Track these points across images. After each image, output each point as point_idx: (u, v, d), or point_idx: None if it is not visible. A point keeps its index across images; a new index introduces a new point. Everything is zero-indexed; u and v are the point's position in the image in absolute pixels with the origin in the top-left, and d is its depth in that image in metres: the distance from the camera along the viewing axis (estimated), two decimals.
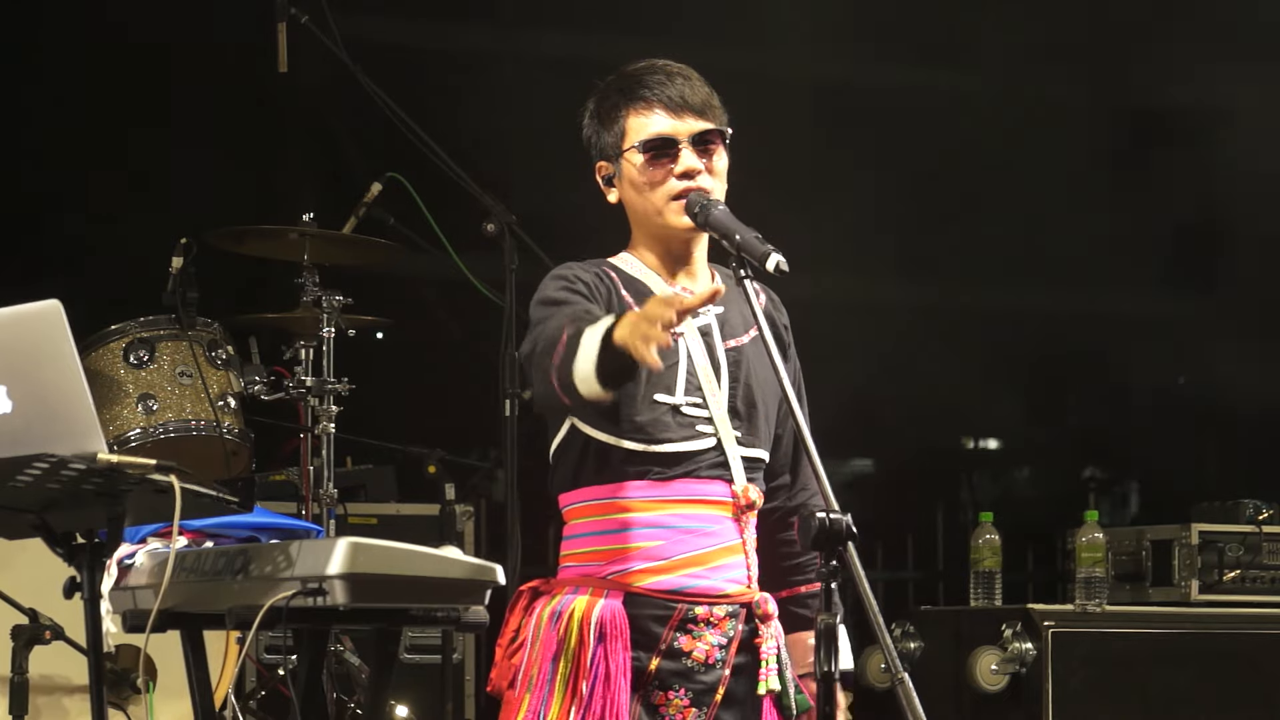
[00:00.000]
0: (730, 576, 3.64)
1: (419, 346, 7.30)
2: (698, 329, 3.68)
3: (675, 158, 3.66)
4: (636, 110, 3.69)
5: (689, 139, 3.67)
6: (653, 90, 3.69)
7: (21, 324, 3.23)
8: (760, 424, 3.70)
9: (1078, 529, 6.67)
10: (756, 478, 3.70)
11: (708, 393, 3.65)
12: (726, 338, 3.71)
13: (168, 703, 5.05)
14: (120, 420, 5.72)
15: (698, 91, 3.69)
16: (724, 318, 3.72)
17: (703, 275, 3.74)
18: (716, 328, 3.71)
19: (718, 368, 3.68)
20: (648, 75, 3.71)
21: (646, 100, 3.69)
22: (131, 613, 3.80)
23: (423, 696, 6.40)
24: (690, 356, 3.65)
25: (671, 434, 3.61)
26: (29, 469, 3.23)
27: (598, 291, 3.63)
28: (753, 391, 3.69)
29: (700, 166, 3.66)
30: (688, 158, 3.66)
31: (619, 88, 3.73)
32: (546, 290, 3.64)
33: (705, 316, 3.70)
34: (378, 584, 3.46)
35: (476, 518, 6.69)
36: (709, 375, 3.66)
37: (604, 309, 3.59)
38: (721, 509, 3.64)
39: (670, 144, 3.67)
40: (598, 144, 3.75)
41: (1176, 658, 6.43)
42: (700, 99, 3.69)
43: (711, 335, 3.70)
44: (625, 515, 3.61)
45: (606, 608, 3.58)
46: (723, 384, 3.67)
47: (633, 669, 3.56)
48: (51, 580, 3.58)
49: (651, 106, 3.68)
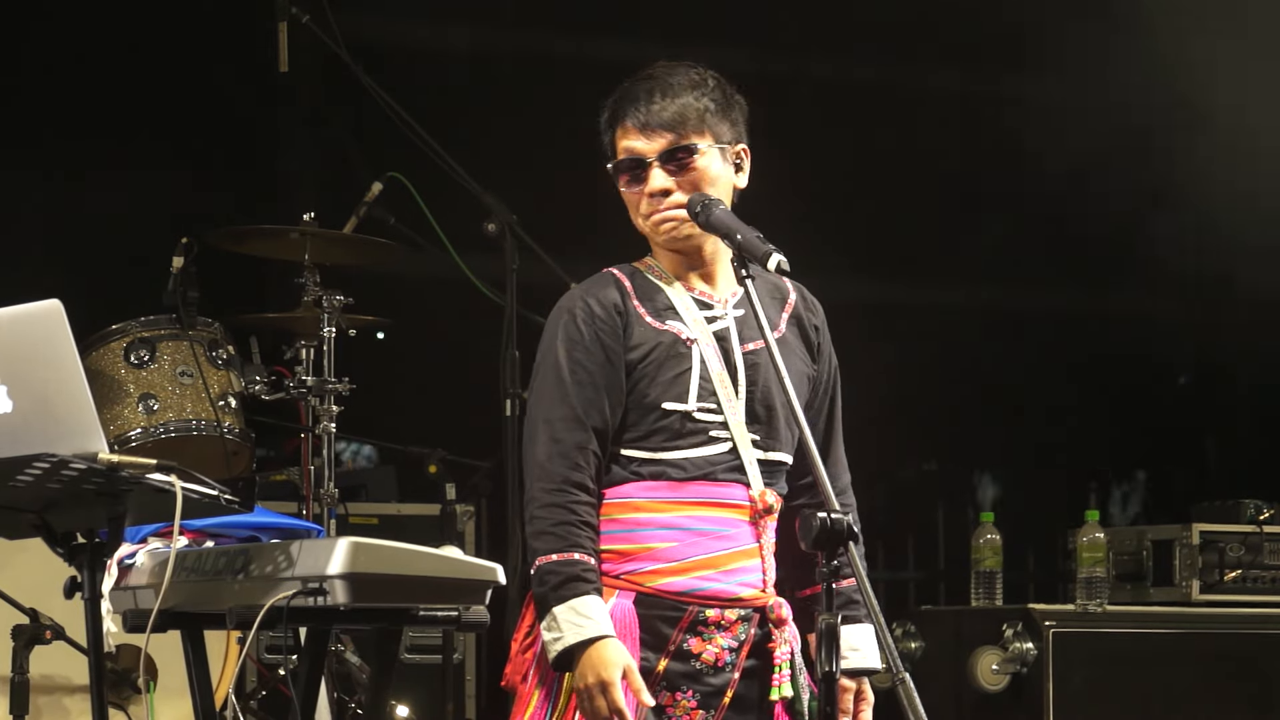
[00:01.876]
0: (744, 580, 3.64)
1: (420, 346, 7.29)
2: (714, 334, 3.67)
3: (645, 178, 3.67)
4: (620, 128, 3.71)
5: (657, 158, 3.66)
6: (625, 109, 3.68)
7: (22, 324, 3.23)
8: (780, 427, 3.69)
9: (1079, 529, 6.67)
10: (776, 482, 3.69)
11: (723, 398, 3.64)
12: (745, 341, 3.69)
13: (168, 703, 5.05)
14: (121, 420, 5.71)
15: (672, 106, 3.66)
16: (743, 320, 3.71)
17: (724, 280, 3.72)
18: (735, 331, 3.69)
19: (734, 372, 3.67)
20: (628, 93, 3.70)
21: (622, 120, 3.69)
22: (132, 612, 3.80)
23: (423, 696, 6.39)
24: (704, 362, 3.64)
25: (682, 441, 3.62)
26: (30, 469, 3.23)
27: (603, 331, 3.62)
28: (771, 395, 3.68)
29: (670, 185, 3.65)
30: (656, 178, 3.66)
31: (616, 100, 3.73)
32: (554, 351, 3.63)
33: (724, 320, 3.69)
34: (378, 584, 3.46)
35: (477, 518, 6.69)
36: (724, 380, 3.65)
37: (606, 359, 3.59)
38: (738, 513, 3.64)
39: (639, 164, 3.67)
40: (606, 154, 3.76)
41: (1177, 658, 6.43)
42: (671, 114, 3.65)
43: (729, 340, 3.68)
44: (640, 515, 3.61)
45: (617, 606, 3.58)
46: (740, 389, 3.66)
47: (641, 669, 3.56)
48: (52, 580, 3.58)
49: (626, 126, 3.68)
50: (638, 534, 3.61)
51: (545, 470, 3.57)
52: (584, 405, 3.59)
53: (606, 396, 3.60)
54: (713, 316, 3.68)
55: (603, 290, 3.68)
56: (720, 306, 3.70)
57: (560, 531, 3.55)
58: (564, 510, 3.55)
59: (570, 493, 3.56)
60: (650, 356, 3.63)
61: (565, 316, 3.66)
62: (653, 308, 3.66)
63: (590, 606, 3.51)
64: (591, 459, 3.58)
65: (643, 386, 3.61)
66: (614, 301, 3.65)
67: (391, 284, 6.69)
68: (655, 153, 3.65)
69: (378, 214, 6.18)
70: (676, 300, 3.67)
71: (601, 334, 3.63)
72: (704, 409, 3.63)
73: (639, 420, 3.61)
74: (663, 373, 3.62)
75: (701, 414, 3.62)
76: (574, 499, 3.56)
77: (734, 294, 3.71)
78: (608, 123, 3.72)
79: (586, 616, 3.50)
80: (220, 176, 6.97)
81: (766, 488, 3.65)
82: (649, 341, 3.63)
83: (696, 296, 3.69)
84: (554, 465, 3.57)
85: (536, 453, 3.59)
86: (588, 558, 3.54)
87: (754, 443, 3.65)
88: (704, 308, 3.69)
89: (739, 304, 3.69)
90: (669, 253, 3.71)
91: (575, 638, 3.50)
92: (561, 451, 3.57)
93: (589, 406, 3.59)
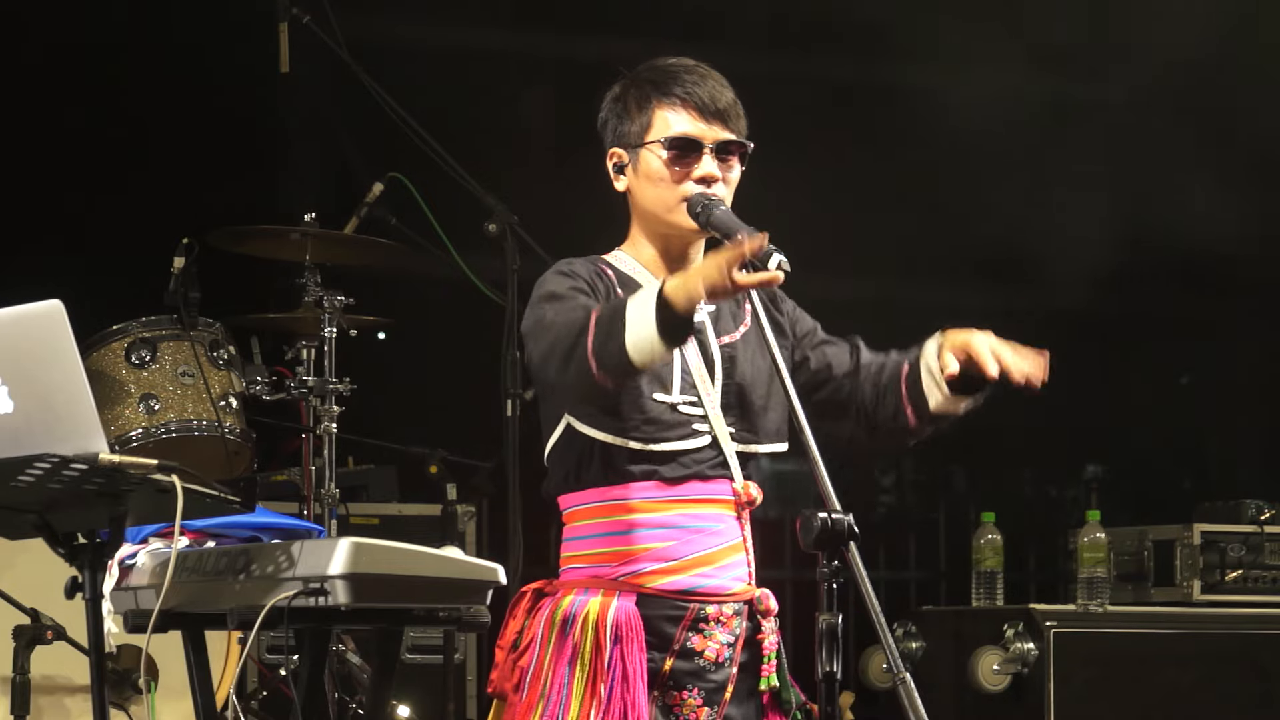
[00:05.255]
0: (735, 575, 3.65)
1: (421, 346, 7.29)
2: None
3: (697, 161, 3.66)
4: (666, 105, 3.68)
5: (713, 145, 3.67)
6: (685, 88, 3.67)
7: (23, 324, 3.24)
8: (757, 419, 3.70)
9: (1079, 529, 6.68)
10: (754, 473, 3.70)
11: (702, 391, 3.65)
12: (720, 334, 3.71)
13: (169, 703, 5.06)
14: (122, 420, 5.72)
15: (730, 99, 3.68)
16: (715, 315, 3.73)
17: None
18: (710, 325, 3.71)
19: (711, 365, 3.68)
20: (683, 72, 3.69)
21: (679, 97, 3.67)
22: (133, 613, 3.81)
23: (424, 696, 6.39)
24: (684, 354, 3.65)
25: (669, 432, 3.62)
26: (31, 469, 3.23)
27: (596, 289, 3.63)
28: (746, 388, 3.69)
29: (719, 174, 3.66)
30: (708, 164, 3.66)
31: (651, 79, 3.71)
32: (549, 285, 3.63)
33: (699, 314, 3.69)
34: (379, 584, 3.47)
35: (478, 518, 6.69)
36: (703, 373, 3.66)
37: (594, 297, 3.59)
38: (725, 507, 3.65)
39: (695, 146, 3.66)
40: (616, 130, 3.73)
41: (1178, 658, 6.43)
42: (727, 106, 3.68)
43: (705, 333, 3.70)
44: (634, 516, 3.61)
45: (621, 609, 3.58)
46: (716, 381, 3.67)
47: (648, 670, 3.56)
48: (53, 580, 3.58)
49: (683, 104, 3.67)
50: (634, 535, 3.61)
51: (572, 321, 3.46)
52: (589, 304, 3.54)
53: None
54: None
55: (590, 266, 3.68)
56: None
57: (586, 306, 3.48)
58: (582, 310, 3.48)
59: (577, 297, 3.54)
60: None
61: (554, 269, 3.65)
62: None
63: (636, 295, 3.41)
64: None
65: None
66: (603, 279, 3.66)
67: (392, 284, 6.69)
68: (713, 140, 3.65)
69: (379, 214, 6.18)
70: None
71: (594, 282, 3.63)
72: (686, 401, 3.63)
73: (630, 411, 3.61)
74: None
75: (685, 406, 3.63)
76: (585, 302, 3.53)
77: None
78: (645, 98, 3.69)
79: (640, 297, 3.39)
80: (221, 176, 6.97)
81: (747, 480, 3.66)
82: None
83: None
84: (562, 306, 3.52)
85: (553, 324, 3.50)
86: None
87: (732, 435, 3.66)
88: None
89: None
90: (655, 243, 3.72)
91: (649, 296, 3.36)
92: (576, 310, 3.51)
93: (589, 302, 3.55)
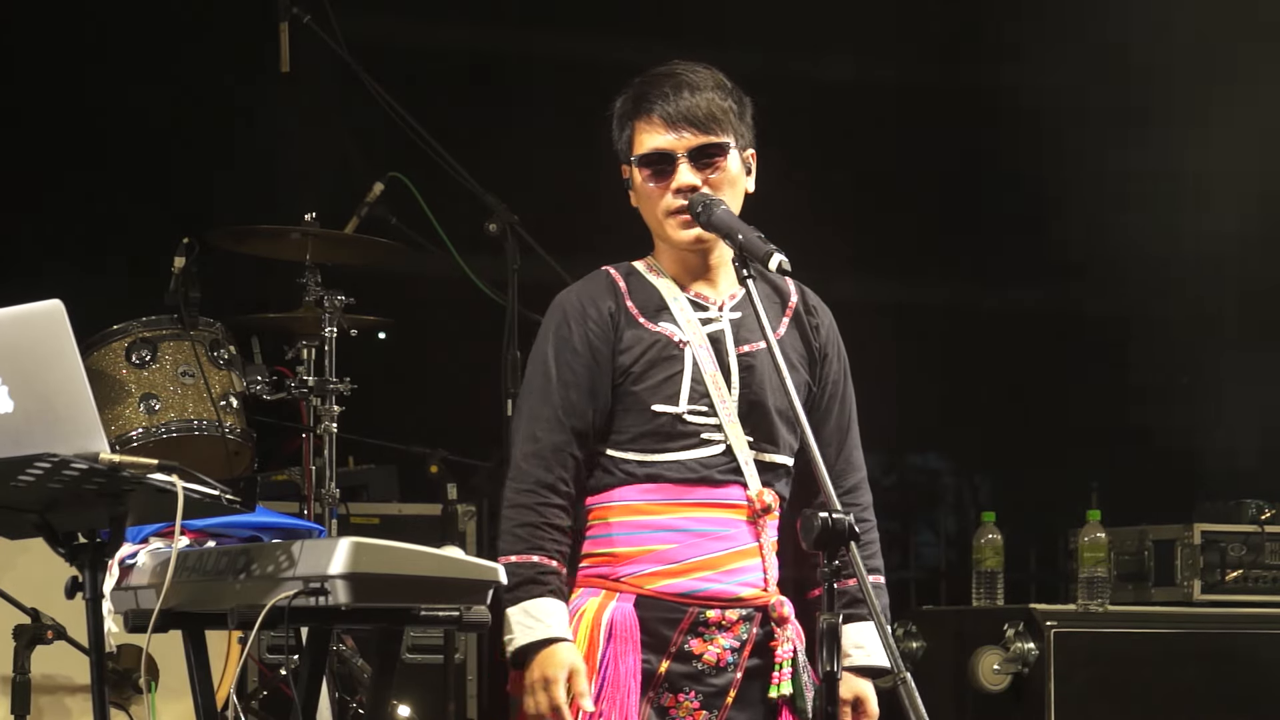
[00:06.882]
0: (745, 580, 3.64)
1: (421, 346, 7.29)
2: (708, 335, 3.67)
3: (673, 173, 3.65)
4: (642, 120, 3.68)
5: (686, 154, 3.65)
6: (653, 102, 3.66)
7: (23, 324, 3.23)
8: (777, 429, 3.69)
9: (1080, 529, 6.67)
10: (775, 481, 3.68)
11: (716, 400, 3.64)
12: (741, 343, 3.69)
13: (169, 703, 5.05)
14: (122, 420, 5.71)
15: (702, 103, 3.65)
16: (740, 323, 3.70)
17: (724, 282, 3.72)
18: (730, 333, 3.69)
19: (728, 374, 3.67)
20: (655, 85, 3.68)
21: (648, 113, 3.67)
22: (133, 613, 3.80)
23: (425, 696, 6.39)
24: (696, 364, 3.64)
25: (671, 443, 3.61)
26: (31, 469, 3.23)
27: (594, 334, 3.62)
28: (766, 397, 3.67)
29: (696, 182, 3.64)
30: (685, 174, 3.65)
31: (634, 94, 3.71)
32: (545, 349, 3.65)
33: (719, 323, 3.69)
34: (380, 583, 3.46)
35: (478, 518, 6.69)
36: (718, 382, 3.65)
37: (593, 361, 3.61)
38: (736, 513, 3.64)
39: (667, 159, 3.66)
40: (616, 147, 3.74)
41: (1179, 658, 6.42)
42: (703, 111, 3.64)
43: (723, 342, 3.68)
44: (638, 518, 3.61)
45: (617, 609, 3.58)
46: (734, 389, 3.66)
47: (643, 671, 3.56)
48: (53, 580, 3.58)
49: (651, 119, 3.66)
50: (637, 536, 3.61)
51: (519, 470, 3.60)
52: (566, 406, 3.59)
53: (591, 400, 3.61)
54: (708, 318, 3.68)
55: (596, 290, 3.67)
56: (715, 309, 3.69)
57: (522, 533, 3.57)
58: (530, 511, 3.57)
59: (540, 494, 3.58)
60: (641, 358, 3.63)
61: (558, 315, 3.66)
62: (646, 309, 3.65)
63: (543, 608, 3.52)
64: (569, 461, 3.59)
65: (633, 388, 3.62)
66: (607, 303, 3.65)
67: (393, 284, 6.69)
68: (685, 149, 3.64)
69: (379, 214, 6.18)
70: (671, 302, 3.67)
71: (592, 335, 3.63)
72: (695, 411, 3.62)
73: (630, 423, 3.61)
74: (653, 375, 3.62)
75: (693, 416, 3.62)
76: (542, 500, 3.57)
77: (733, 296, 3.71)
78: (626, 115, 3.70)
79: (537, 619, 3.52)
80: (222, 176, 6.97)
81: (765, 487, 3.65)
82: (640, 343, 3.63)
83: (692, 298, 3.69)
84: (528, 465, 3.59)
85: (515, 452, 3.62)
86: (548, 560, 3.55)
87: (750, 444, 3.65)
88: (699, 309, 3.69)
89: (737, 306, 3.68)
90: (673, 253, 3.71)
91: (525, 639, 3.52)
92: (537, 452, 3.58)
93: (571, 408, 3.59)
